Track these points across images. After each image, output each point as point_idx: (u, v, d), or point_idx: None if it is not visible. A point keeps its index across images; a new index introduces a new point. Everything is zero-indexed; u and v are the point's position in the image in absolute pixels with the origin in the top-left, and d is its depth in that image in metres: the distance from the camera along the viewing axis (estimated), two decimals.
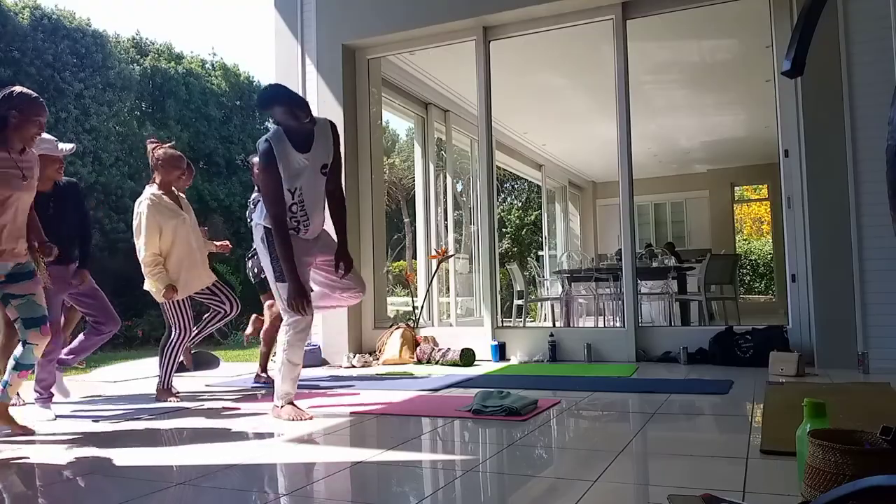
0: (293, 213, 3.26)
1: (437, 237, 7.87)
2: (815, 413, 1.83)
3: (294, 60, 6.32)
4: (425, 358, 5.52)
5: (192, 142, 11.04)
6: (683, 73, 7.71)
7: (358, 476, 2.26)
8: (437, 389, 4.08)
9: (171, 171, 4.00)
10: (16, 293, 2.91)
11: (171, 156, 4.03)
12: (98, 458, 2.59)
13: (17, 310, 2.92)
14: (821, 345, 4.61)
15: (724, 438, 2.72)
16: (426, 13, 5.84)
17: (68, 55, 9.37)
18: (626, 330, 5.36)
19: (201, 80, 11.65)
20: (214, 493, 2.10)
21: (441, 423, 3.06)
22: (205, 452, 2.63)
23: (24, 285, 2.92)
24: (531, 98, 8.37)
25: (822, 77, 4.52)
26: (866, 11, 4.49)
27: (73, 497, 2.16)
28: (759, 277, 16.67)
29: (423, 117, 7.84)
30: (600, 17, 5.50)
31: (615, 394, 3.80)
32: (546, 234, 12.58)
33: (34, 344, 2.93)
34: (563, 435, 2.90)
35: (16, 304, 2.91)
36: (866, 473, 1.34)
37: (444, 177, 8.34)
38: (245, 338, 5.14)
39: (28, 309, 2.92)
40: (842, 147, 4.53)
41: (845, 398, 3.25)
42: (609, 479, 2.07)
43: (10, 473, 2.43)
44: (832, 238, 4.57)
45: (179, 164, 4.05)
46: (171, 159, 4.02)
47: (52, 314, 3.36)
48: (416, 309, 6.70)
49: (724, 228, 12.77)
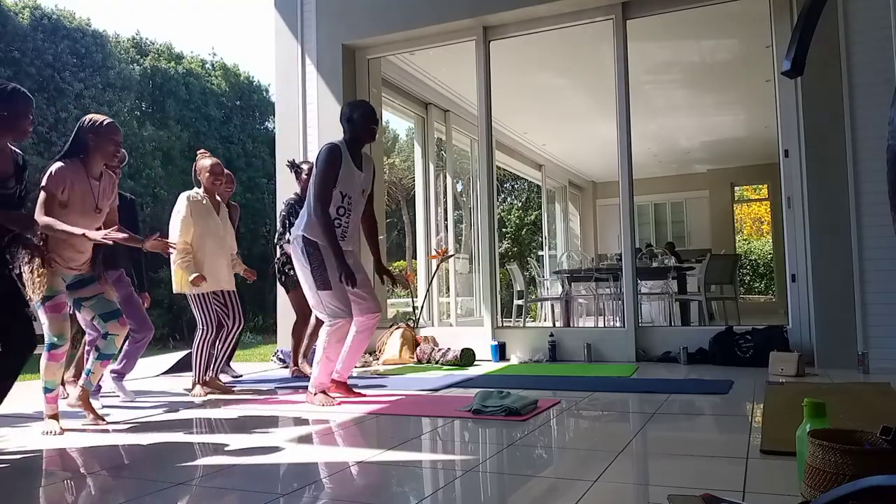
0: (338, 217, 3.63)
1: (437, 237, 7.87)
2: (815, 413, 1.83)
3: (294, 60, 6.32)
4: (425, 358, 5.52)
5: (192, 142, 11.04)
6: (683, 73, 7.71)
7: (358, 476, 2.26)
8: (437, 389, 4.08)
9: (207, 179, 4.20)
10: (86, 296, 3.17)
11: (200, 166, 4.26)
12: (99, 458, 2.60)
13: (91, 309, 3.18)
14: (821, 345, 4.61)
15: (724, 438, 2.72)
16: (426, 13, 5.84)
17: (68, 55, 9.37)
18: (626, 330, 5.36)
19: (201, 80, 11.66)
20: (214, 493, 2.10)
21: (441, 423, 3.06)
22: (205, 452, 2.63)
23: (92, 287, 3.18)
24: (531, 98, 8.37)
25: (822, 77, 4.52)
26: (866, 11, 4.49)
27: (72, 497, 2.16)
28: (759, 277, 16.68)
29: (423, 117, 7.84)
30: (600, 17, 5.50)
31: (615, 394, 3.80)
32: (546, 234, 12.58)
33: (115, 334, 3.18)
34: (563, 435, 2.90)
35: (88, 305, 3.18)
36: (866, 473, 1.34)
37: (444, 177, 8.35)
38: None
39: (101, 305, 3.19)
40: (842, 147, 4.53)
41: (845, 398, 3.25)
42: (609, 479, 2.07)
43: (11, 471, 2.44)
44: (832, 238, 4.57)
45: (214, 171, 4.23)
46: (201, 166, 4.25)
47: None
48: (416, 309, 6.70)
49: (724, 228, 12.76)
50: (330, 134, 6.13)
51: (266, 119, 12.74)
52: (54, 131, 8.92)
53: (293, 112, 6.33)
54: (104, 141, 3.09)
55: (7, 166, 2.73)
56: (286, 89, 6.43)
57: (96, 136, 3.07)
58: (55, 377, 3.05)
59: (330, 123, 6.16)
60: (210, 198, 4.23)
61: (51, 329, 2.98)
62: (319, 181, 3.60)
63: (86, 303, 3.16)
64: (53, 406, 3.08)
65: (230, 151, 11.60)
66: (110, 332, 3.17)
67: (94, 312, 3.17)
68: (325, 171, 3.58)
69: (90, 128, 3.08)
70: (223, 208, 4.33)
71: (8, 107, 2.69)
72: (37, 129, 8.69)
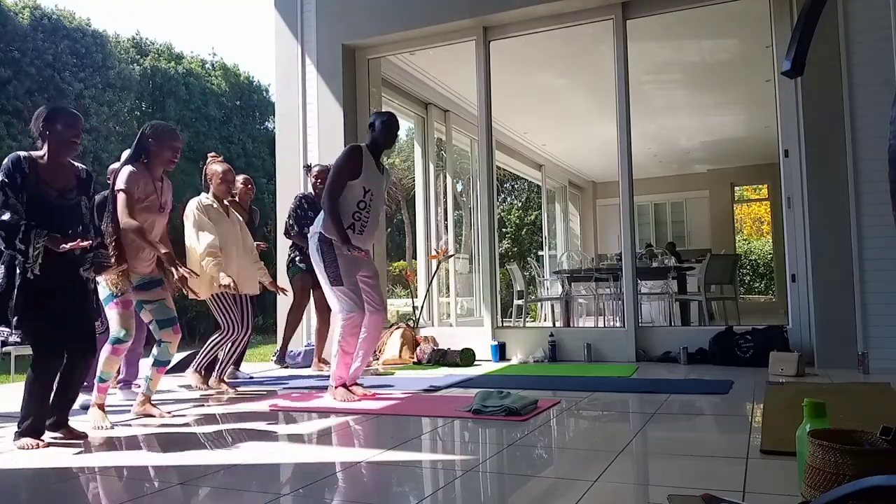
0: (359, 210, 3.77)
1: (437, 237, 7.87)
2: (815, 413, 1.83)
3: (294, 60, 6.32)
4: (425, 358, 5.52)
5: (192, 142, 11.04)
6: (683, 73, 7.71)
7: (358, 476, 2.26)
8: (437, 389, 4.08)
9: (218, 185, 4.21)
10: (148, 299, 3.35)
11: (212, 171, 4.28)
12: (99, 458, 2.60)
13: (151, 313, 3.36)
14: (821, 345, 4.61)
15: (724, 438, 2.72)
16: (426, 13, 5.84)
17: (68, 55, 9.37)
18: (626, 330, 5.36)
19: (201, 80, 11.67)
20: (215, 493, 2.10)
21: (441, 423, 3.06)
22: (205, 452, 2.63)
23: (155, 291, 3.36)
24: (531, 98, 8.37)
25: (822, 77, 4.52)
26: (866, 11, 4.49)
27: (73, 497, 2.16)
28: (759, 277, 16.67)
29: (423, 117, 7.84)
30: (600, 17, 5.50)
31: (615, 394, 3.80)
32: (546, 234, 12.57)
33: (168, 342, 3.37)
34: (563, 435, 2.90)
35: (149, 309, 3.35)
36: (866, 473, 1.34)
37: (444, 177, 8.34)
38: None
39: (160, 311, 3.37)
40: (842, 147, 4.53)
41: (845, 398, 3.25)
42: (609, 479, 2.07)
43: (14, 473, 2.44)
44: (832, 238, 4.57)
45: (227, 178, 4.27)
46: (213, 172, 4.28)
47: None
48: (416, 309, 6.69)
49: (724, 228, 12.75)
50: (330, 134, 6.15)
51: (266, 119, 12.74)
52: None
53: (293, 112, 6.33)
54: (164, 147, 3.32)
55: (68, 179, 2.89)
56: (286, 89, 6.43)
57: (157, 142, 3.30)
58: (111, 369, 3.25)
59: (330, 123, 6.17)
60: (219, 202, 4.22)
61: (119, 324, 3.20)
62: (333, 174, 3.78)
63: (147, 305, 3.35)
64: (103, 396, 3.24)
65: (230, 151, 11.60)
66: (163, 339, 3.36)
67: (153, 318, 3.36)
68: (340, 165, 3.77)
69: (151, 133, 3.32)
70: (233, 211, 4.33)
71: (57, 127, 2.82)
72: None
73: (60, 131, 2.82)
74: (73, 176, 2.92)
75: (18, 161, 2.75)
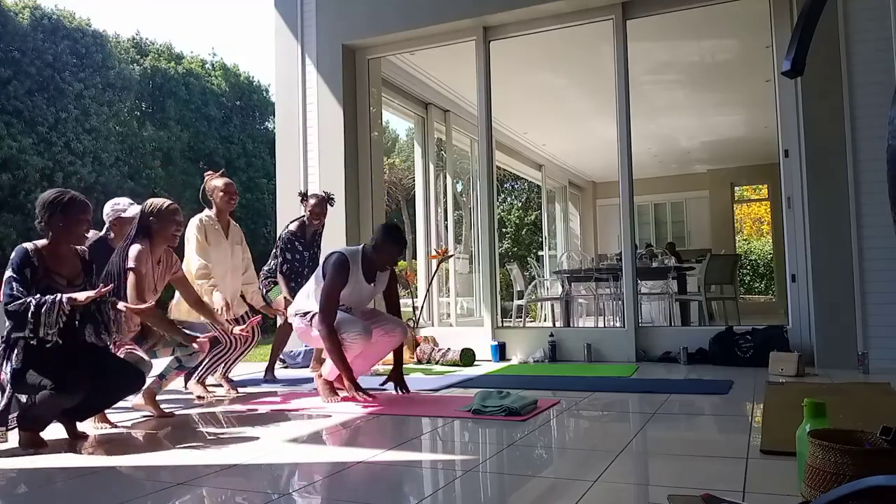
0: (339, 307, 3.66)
1: (437, 237, 7.87)
2: (815, 413, 1.83)
3: (294, 60, 6.32)
4: (425, 358, 5.52)
5: (192, 142, 11.04)
6: (683, 73, 7.71)
7: (358, 476, 2.26)
8: (437, 389, 4.08)
9: (221, 199, 4.15)
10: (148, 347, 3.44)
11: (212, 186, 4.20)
12: (99, 458, 2.60)
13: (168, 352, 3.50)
14: (821, 345, 4.61)
15: (724, 438, 2.72)
16: (426, 13, 5.84)
17: (68, 55, 9.36)
18: (626, 330, 5.36)
19: (201, 80, 11.65)
20: (215, 493, 2.10)
21: (441, 423, 3.06)
22: (205, 452, 2.63)
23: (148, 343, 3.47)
24: (531, 98, 8.37)
25: (822, 77, 4.52)
26: (866, 11, 4.49)
27: (73, 497, 2.16)
28: (759, 277, 16.68)
29: (423, 117, 7.83)
30: (600, 18, 5.50)
31: (615, 394, 3.80)
32: (546, 234, 12.58)
33: (199, 351, 3.46)
34: (562, 435, 2.90)
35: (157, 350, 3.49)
36: (866, 473, 1.34)
37: (444, 177, 8.34)
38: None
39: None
40: (842, 147, 4.53)
41: (845, 398, 3.26)
42: (609, 479, 2.07)
43: (14, 473, 2.44)
44: (832, 238, 4.57)
45: (229, 190, 4.20)
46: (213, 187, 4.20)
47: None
48: (415, 309, 6.70)
49: (724, 228, 12.75)
50: (330, 134, 6.15)
51: (266, 119, 12.73)
52: (54, 131, 8.91)
53: (293, 112, 6.32)
54: (167, 222, 3.34)
55: (74, 265, 2.92)
56: (286, 89, 6.42)
57: (158, 220, 3.32)
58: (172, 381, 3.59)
59: (330, 123, 6.17)
60: (220, 218, 4.18)
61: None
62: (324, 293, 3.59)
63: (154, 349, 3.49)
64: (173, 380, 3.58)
65: (230, 151, 11.59)
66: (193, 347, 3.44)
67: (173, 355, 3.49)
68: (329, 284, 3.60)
69: (151, 212, 3.33)
70: (232, 228, 4.27)
71: (63, 217, 2.81)
72: (36, 129, 8.69)
73: (69, 225, 2.81)
74: (77, 261, 2.93)
75: (26, 255, 2.75)
